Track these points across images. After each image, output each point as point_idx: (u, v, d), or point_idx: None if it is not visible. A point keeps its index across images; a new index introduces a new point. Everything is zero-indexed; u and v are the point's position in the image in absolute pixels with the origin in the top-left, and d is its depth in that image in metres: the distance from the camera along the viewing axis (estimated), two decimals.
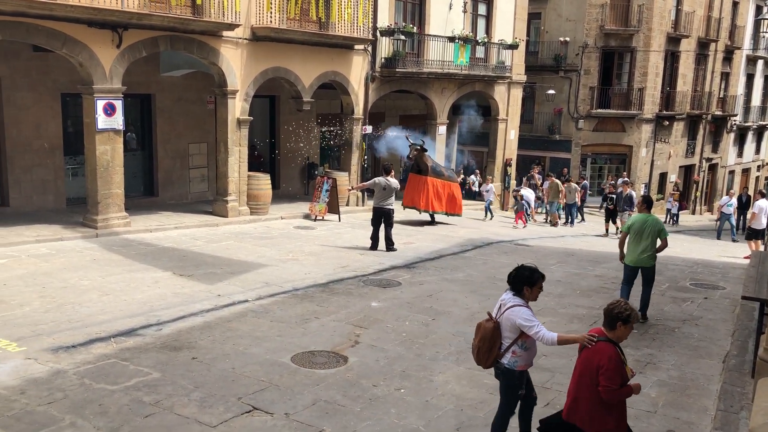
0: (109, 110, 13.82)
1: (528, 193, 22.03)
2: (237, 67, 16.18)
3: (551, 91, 29.93)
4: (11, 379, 6.72)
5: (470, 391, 7.04)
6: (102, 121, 13.71)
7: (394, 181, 14.41)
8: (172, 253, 13.00)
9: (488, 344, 5.48)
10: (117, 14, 13.18)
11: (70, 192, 16.09)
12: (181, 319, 8.92)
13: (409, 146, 18.34)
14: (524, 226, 20.47)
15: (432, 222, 18.83)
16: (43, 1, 12.13)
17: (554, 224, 22.05)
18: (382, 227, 14.20)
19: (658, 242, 9.56)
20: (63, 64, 14.39)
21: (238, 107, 16.47)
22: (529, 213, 21.85)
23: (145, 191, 17.64)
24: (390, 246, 14.19)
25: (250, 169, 17.34)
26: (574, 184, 22.73)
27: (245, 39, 16.22)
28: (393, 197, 14.33)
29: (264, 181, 17.54)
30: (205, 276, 11.27)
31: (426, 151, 18.23)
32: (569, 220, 22.51)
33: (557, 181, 22.34)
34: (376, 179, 14.44)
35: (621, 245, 9.90)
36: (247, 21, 16.04)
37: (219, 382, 6.92)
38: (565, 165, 29.47)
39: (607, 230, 20.75)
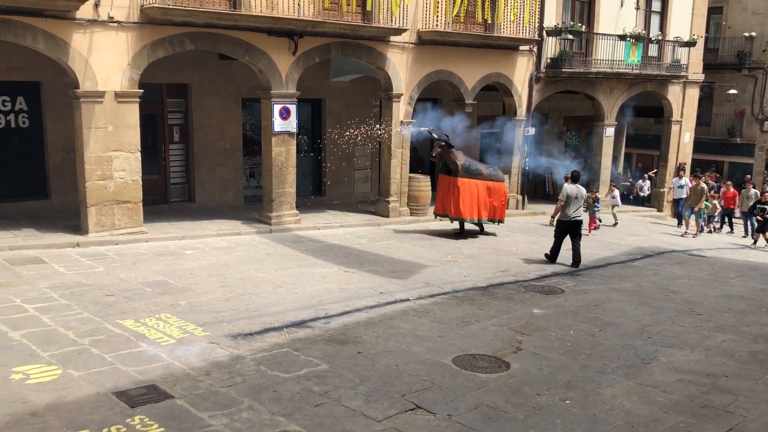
0: (285, 114, 14.69)
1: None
2: (402, 71, 16.53)
3: (733, 91, 27.65)
4: (198, 360, 7.32)
5: (641, 408, 6.67)
6: (278, 124, 14.60)
7: (583, 189, 13.15)
8: (338, 250, 13.55)
9: None
10: (294, 23, 13.96)
11: (247, 190, 17.31)
12: (346, 314, 9.26)
13: (434, 142, 15.54)
14: (594, 228, 17.68)
15: (481, 231, 16.06)
16: (229, 12, 13.17)
17: (695, 234, 19.15)
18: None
19: None
20: (244, 71, 15.47)
21: (401, 110, 16.82)
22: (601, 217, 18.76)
23: (314, 191, 18.52)
24: (577, 261, 12.98)
25: (410, 171, 17.65)
26: (753, 190, 20.33)
27: (411, 43, 16.53)
28: (582, 207, 13.14)
29: (424, 182, 17.79)
30: (368, 273, 11.63)
31: (452, 147, 15.28)
32: (747, 230, 20.33)
33: (703, 184, 20.01)
34: (567, 189, 12.94)
35: None
36: (413, 25, 16.34)
37: (383, 378, 7.10)
38: (747, 171, 27.06)
39: (755, 241, 18.50)
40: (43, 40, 11.68)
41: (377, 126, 15.80)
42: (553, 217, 13.74)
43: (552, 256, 13.29)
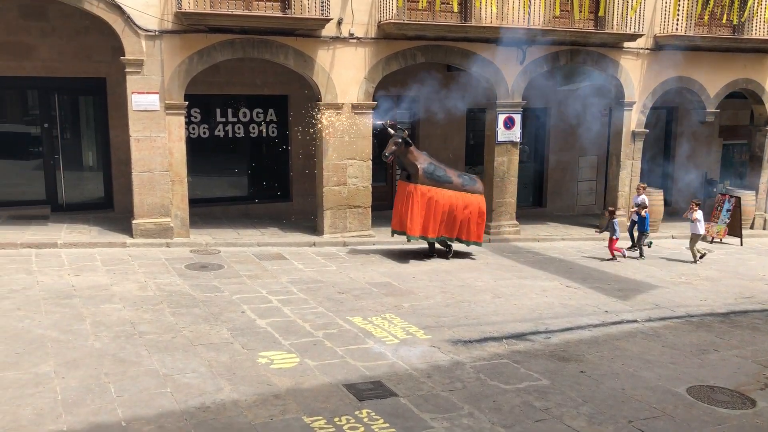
0: (509, 124, 14.68)
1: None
2: (635, 78, 15.70)
3: None
4: (420, 362, 7.56)
5: None
6: (501, 134, 14.65)
7: None
8: (559, 263, 13.20)
9: None
10: (523, 32, 13.90)
11: None
12: (568, 331, 8.98)
13: (389, 138, 12.33)
14: (620, 256, 13.95)
15: (446, 252, 12.94)
16: (460, 24, 13.49)
17: None
18: None
19: None
20: (469, 82, 15.69)
21: (633, 119, 15.97)
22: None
23: (534, 202, 18.25)
24: None
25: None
26: None
27: (646, 49, 15.64)
28: None
29: (656, 196, 16.68)
30: (591, 290, 11.19)
31: (411, 144, 12.42)
32: None
33: None
34: None
35: None
36: (649, 30, 15.44)
37: (608, 401, 6.77)
38: None
39: None
40: (293, 57, 12.89)
41: None
42: None
43: None
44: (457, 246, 13.23)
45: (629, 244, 14.91)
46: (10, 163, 13.74)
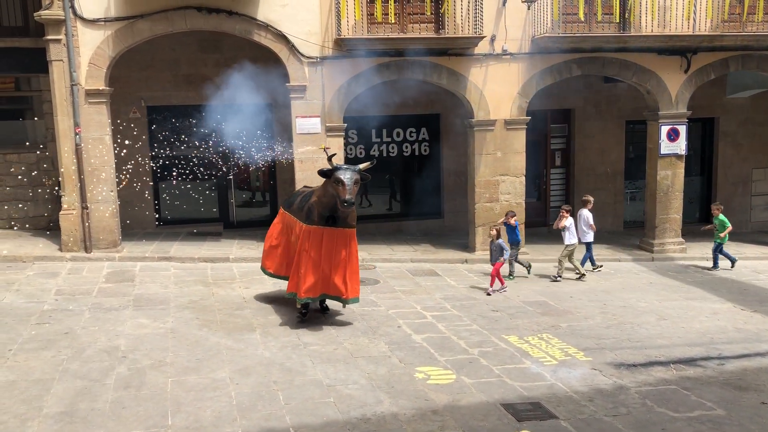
0: (673, 135, 13.92)
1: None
2: None
3: None
4: (580, 385, 7.32)
5: None
6: (665, 146, 13.92)
7: None
8: (731, 284, 12.28)
9: None
10: (688, 39, 13.18)
11: (627, 215, 16.77)
12: (745, 357, 8.31)
13: (338, 173, 9.01)
14: (501, 288, 11.20)
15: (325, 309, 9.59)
16: (619, 35, 13.03)
17: None
18: None
19: None
20: (628, 93, 15.09)
21: None
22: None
23: (701, 218, 17.11)
24: None
25: None
26: None
27: None
28: None
29: None
30: None
31: (369, 178, 9.46)
32: None
33: None
34: None
35: None
36: None
37: None
38: None
39: None
40: (446, 77, 13.06)
41: None
42: None
43: None
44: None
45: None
46: (188, 184, 15.02)
